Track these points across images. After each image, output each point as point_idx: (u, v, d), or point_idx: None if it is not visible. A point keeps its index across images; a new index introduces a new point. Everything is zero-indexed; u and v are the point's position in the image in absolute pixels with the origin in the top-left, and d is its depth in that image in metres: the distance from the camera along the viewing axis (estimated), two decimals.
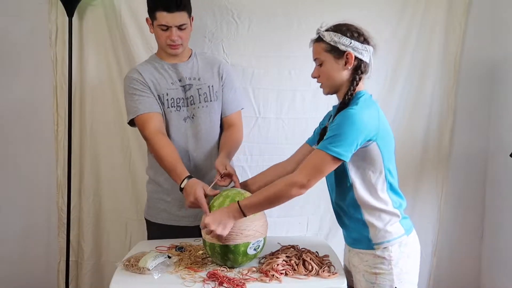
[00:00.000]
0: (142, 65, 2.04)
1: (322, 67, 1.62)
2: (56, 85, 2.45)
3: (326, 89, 1.67)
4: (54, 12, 2.38)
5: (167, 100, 1.98)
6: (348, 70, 1.60)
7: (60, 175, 2.52)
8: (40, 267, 2.63)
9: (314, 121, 2.54)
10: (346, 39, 1.58)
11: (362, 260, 1.62)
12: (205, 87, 2.04)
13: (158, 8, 1.88)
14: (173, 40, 1.93)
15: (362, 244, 1.62)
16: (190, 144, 2.02)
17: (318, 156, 1.52)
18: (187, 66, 2.04)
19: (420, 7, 2.51)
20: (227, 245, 1.60)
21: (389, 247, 1.58)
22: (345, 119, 1.50)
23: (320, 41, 1.62)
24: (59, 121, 2.48)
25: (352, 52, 1.58)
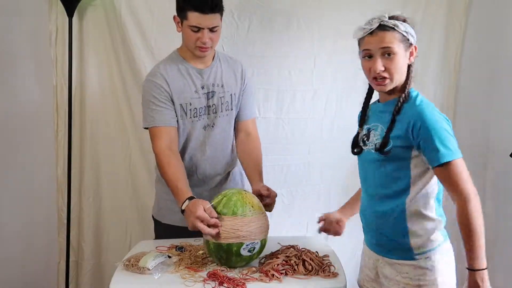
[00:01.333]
0: (166, 67, 1.90)
1: (392, 59, 1.46)
2: (56, 85, 2.45)
3: (390, 85, 1.50)
4: (54, 12, 2.39)
5: (190, 110, 1.90)
6: (410, 63, 1.51)
7: (60, 175, 2.52)
8: (40, 267, 2.63)
9: (314, 121, 2.57)
10: (413, 31, 1.49)
11: (400, 271, 1.51)
12: (228, 95, 1.96)
13: (190, 8, 1.77)
14: (204, 43, 1.81)
15: (399, 254, 1.52)
16: (206, 151, 1.97)
17: (454, 168, 1.40)
18: (211, 71, 1.94)
19: (420, 7, 2.52)
20: (220, 243, 1.61)
21: (432, 256, 1.49)
22: (430, 122, 1.41)
23: (389, 30, 1.47)
24: (59, 121, 2.48)
25: (416, 45, 1.50)
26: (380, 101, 1.61)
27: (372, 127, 1.58)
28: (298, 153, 2.56)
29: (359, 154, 1.63)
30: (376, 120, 1.59)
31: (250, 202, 1.65)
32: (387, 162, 1.50)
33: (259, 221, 1.64)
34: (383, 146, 1.48)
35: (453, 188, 1.42)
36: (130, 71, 2.43)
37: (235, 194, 1.66)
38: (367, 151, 1.58)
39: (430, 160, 1.42)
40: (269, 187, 1.87)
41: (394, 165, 1.49)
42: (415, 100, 1.49)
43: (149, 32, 2.38)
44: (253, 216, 1.62)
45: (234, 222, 1.60)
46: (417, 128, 1.42)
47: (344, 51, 2.51)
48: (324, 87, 2.54)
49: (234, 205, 1.63)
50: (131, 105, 2.47)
